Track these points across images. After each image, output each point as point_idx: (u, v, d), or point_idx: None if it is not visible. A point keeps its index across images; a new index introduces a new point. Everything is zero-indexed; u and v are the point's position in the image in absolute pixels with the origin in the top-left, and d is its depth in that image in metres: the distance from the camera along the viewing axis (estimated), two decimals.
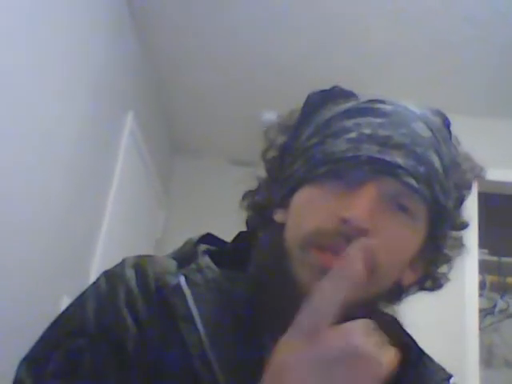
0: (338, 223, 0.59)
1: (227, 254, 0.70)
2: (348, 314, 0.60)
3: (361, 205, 0.58)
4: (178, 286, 0.63)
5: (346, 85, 0.70)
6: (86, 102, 2.28)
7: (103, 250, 2.52)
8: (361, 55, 2.71)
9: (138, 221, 3.12)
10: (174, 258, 0.69)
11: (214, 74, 3.00)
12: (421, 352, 0.72)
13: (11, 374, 0.62)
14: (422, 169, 0.61)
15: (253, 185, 0.73)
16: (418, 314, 1.45)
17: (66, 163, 2.13)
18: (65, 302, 2.00)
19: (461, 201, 0.69)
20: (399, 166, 0.60)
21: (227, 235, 0.75)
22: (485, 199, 2.48)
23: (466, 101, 2.87)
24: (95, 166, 2.44)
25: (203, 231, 0.74)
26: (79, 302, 0.65)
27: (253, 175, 0.73)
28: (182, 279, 0.64)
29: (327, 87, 0.70)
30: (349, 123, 0.63)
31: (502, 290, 3.21)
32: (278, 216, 0.68)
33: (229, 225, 0.78)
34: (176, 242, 0.74)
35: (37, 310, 1.83)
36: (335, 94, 0.69)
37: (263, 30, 2.66)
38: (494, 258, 3.17)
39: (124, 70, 2.69)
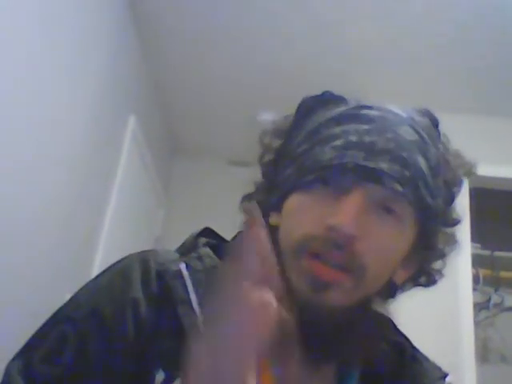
0: (325, 230, 0.60)
1: (226, 249, 0.71)
2: (340, 316, 0.61)
3: (346, 212, 0.59)
4: (179, 271, 0.64)
5: (340, 86, 0.70)
6: (91, 106, 2.33)
7: (105, 248, 2.58)
8: (354, 58, 2.76)
9: (139, 220, 3.19)
10: (177, 251, 0.70)
11: (213, 77, 3.03)
12: (415, 351, 0.73)
13: None
14: (406, 172, 0.62)
15: (250, 188, 0.74)
16: (413, 310, 1.46)
17: (70, 164, 2.18)
18: None
19: (452, 198, 0.70)
20: (384, 172, 0.61)
21: (226, 235, 0.76)
22: (477, 194, 2.50)
23: (457, 99, 2.90)
24: (98, 167, 2.50)
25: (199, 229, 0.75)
26: (77, 295, 0.66)
27: (250, 176, 0.74)
28: (183, 265, 0.65)
29: (321, 90, 0.70)
30: (337, 130, 0.64)
31: (496, 283, 3.23)
32: (273, 219, 0.69)
33: (227, 224, 0.79)
34: (175, 240, 0.75)
35: (39, 309, 1.83)
36: (326, 99, 0.69)
37: (261, 34, 2.70)
38: (487, 253, 3.19)
39: (126, 76, 2.74)
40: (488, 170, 2.61)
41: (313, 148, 0.64)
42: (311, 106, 0.69)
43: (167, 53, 2.92)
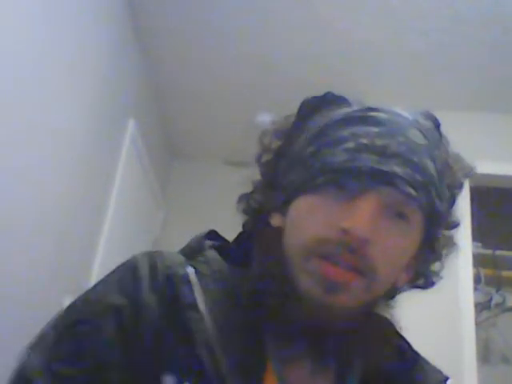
0: (339, 233, 0.59)
1: (231, 252, 0.72)
2: (346, 318, 0.60)
3: (361, 215, 0.59)
4: (186, 276, 0.64)
5: (340, 86, 0.70)
6: (90, 111, 2.34)
7: (104, 251, 2.59)
8: (355, 56, 2.75)
9: (138, 222, 3.20)
10: (182, 253, 0.70)
11: (210, 78, 3.03)
12: (416, 354, 0.73)
13: None
14: (418, 177, 0.61)
15: (247, 188, 0.74)
16: (413, 310, 1.45)
17: (70, 167, 2.19)
18: (67, 302, 2.05)
19: (453, 201, 0.70)
20: (397, 176, 0.60)
21: (225, 236, 0.76)
22: (478, 193, 2.49)
23: (457, 96, 2.90)
24: (98, 170, 2.51)
25: (200, 231, 0.75)
26: (88, 293, 0.67)
27: (248, 176, 0.74)
28: (190, 269, 0.65)
29: (322, 90, 0.70)
30: (345, 132, 0.63)
31: (498, 283, 3.21)
32: (275, 220, 0.69)
33: (226, 225, 0.79)
34: (173, 242, 0.76)
35: (40, 309, 1.85)
36: (328, 100, 0.69)
37: (259, 36, 2.69)
38: (488, 252, 3.17)
39: (126, 80, 2.75)
40: (489, 167, 2.60)
41: (321, 150, 0.64)
42: (313, 106, 0.69)
43: (167, 54, 2.91)
